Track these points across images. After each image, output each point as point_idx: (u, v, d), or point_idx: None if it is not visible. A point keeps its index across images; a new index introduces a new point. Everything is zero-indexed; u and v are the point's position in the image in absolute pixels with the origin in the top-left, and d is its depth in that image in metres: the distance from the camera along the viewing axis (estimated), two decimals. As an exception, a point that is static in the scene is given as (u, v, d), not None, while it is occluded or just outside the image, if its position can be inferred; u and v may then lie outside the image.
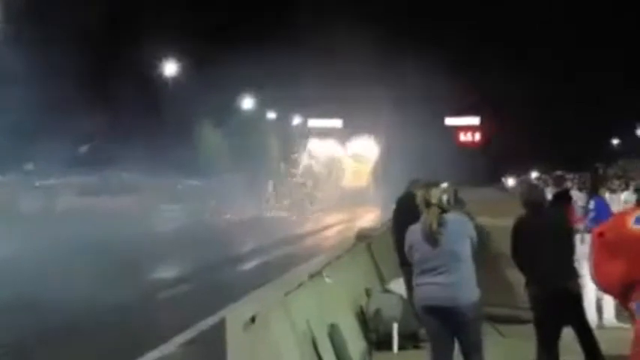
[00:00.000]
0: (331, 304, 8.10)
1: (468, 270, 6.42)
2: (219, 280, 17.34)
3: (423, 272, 6.45)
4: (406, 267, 9.00)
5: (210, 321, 11.15)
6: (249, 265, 21.03)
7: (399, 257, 10.28)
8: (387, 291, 10.07)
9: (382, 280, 11.31)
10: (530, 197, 7.69)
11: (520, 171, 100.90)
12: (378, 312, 9.22)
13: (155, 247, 24.67)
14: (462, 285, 6.35)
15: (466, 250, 6.44)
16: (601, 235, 2.11)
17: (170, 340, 10.42)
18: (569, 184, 15.78)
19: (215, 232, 32.55)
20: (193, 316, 11.65)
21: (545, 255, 7.25)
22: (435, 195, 6.47)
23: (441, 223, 6.36)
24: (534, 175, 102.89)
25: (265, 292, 6.41)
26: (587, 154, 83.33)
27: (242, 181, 50.98)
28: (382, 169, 70.91)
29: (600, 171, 69.14)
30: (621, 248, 2.00)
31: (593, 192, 12.36)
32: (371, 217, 37.86)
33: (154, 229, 33.28)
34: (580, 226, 9.97)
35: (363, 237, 12.50)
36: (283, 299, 6.49)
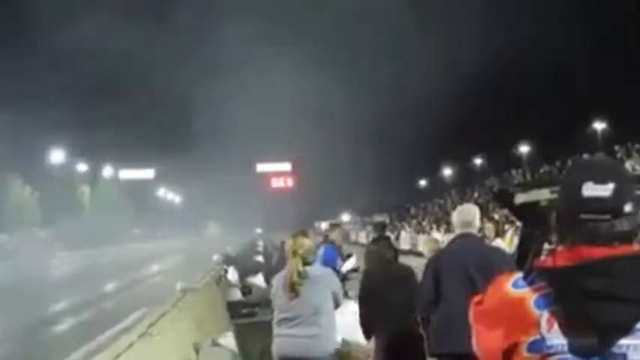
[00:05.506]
0: (162, 363, 7.88)
1: (326, 323, 6.40)
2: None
3: (281, 322, 6.42)
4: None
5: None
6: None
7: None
8: (216, 345, 9.91)
9: (208, 334, 11.14)
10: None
11: (332, 214, 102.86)
12: (208, 367, 9.05)
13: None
14: (320, 338, 6.32)
15: (326, 303, 6.42)
16: (480, 303, 2.11)
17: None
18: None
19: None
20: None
21: (390, 298, 7.48)
22: (302, 245, 6.45)
23: (302, 275, 6.35)
24: (346, 218, 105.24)
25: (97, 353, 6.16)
26: (395, 195, 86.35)
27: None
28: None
29: (412, 210, 71.41)
30: (501, 313, 2.02)
31: None
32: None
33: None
34: None
35: (188, 289, 12.30)
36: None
